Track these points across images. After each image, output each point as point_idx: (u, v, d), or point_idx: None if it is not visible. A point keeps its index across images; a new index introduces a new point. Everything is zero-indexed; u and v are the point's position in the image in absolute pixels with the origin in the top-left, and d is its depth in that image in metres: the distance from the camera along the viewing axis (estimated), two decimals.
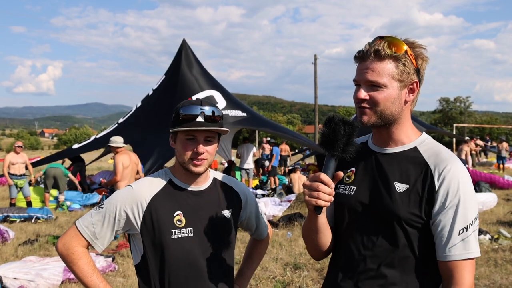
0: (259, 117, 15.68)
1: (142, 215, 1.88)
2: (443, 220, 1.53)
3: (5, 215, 9.84)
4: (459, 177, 1.55)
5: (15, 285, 5.35)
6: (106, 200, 1.94)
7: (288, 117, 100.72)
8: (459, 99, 69.88)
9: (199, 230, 1.93)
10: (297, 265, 6.35)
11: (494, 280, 5.76)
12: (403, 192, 1.58)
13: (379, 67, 1.57)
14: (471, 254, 1.52)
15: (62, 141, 71.52)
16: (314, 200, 1.49)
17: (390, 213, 1.58)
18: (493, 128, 50.24)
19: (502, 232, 7.96)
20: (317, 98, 33.52)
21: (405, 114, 1.64)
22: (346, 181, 1.74)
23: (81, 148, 14.84)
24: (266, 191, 13.86)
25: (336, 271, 1.73)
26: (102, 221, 1.89)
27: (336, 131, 1.48)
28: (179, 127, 1.87)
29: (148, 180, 1.98)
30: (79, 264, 1.86)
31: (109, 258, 6.48)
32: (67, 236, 1.91)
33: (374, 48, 1.58)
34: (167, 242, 1.87)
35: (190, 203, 1.95)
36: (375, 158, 1.70)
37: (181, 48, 14.89)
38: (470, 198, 1.55)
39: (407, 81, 1.59)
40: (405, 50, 1.57)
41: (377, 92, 1.58)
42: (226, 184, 2.10)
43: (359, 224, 1.67)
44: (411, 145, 1.66)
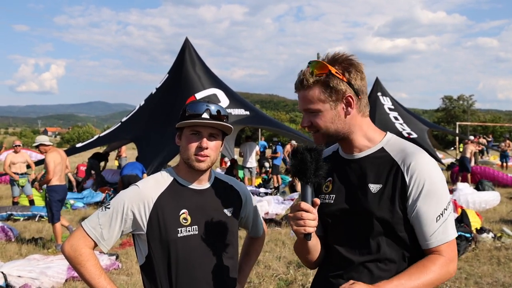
0: (262, 115, 15.67)
1: (149, 214, 1.90)
2: (420, 211, 1.62)
3: (9, 213, 9.89)
4: (427, 168, 1.64)
5: (19, 283, 5.38)
6: (112, 200, 1.95)
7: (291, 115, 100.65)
8: (462, 97, 69.73)
9: (203, 228, 1.96)
10: (300, 264, 6.35)
11: (497, 278, 5.76)
12: (377, 192, 1.67)
13: (308, 95, 1.70)
14: (450, 236, 1.64)
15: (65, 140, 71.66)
16: (302, 228, 1.58)
17: (367, 213, 1.66)
18: (496, 126, 50.10)
19: (505, 230, 7.95)
20: None
21: (355, 123, 1.73)
22: (325, 191, 1.83)
23: (84, 146, 14.88)
24: (269, 189, 13.86)
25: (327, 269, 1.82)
26: (109, 221, 1.89)
27: (304, 159, 1.58)
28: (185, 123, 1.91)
29: (154, 179, 2.00)
30: (87, 266, 1.87)
31: (113, 256, 6.50)
32: (74, 238, 1.91)
33: (300, 78, 1.71)
34: (173, 240, 1.90)
35: (194, 202, 1.98)
36: (347, 165, 1.79)
37: (184, 47, 14.90)
38: (440, 186, 1.64)
39: (339, 97, 1.67)
40: (328, 70, 1.65)
41: (315, 118, 1.71)
42: (227, 183, 2.15)
43: (342, 228, 1.76)
44: (378, 146, 1.74)
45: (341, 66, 1.67)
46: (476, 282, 5.66)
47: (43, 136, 7.99)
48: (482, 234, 7.55)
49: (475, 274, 5.93)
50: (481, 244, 7.20)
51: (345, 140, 1.76)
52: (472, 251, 6.89)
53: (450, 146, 30.09)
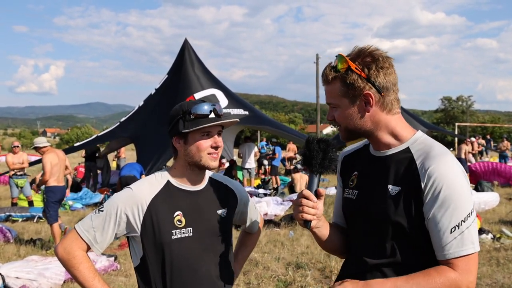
0: (261, 115, 15.68)
1: (143, 217, 1.89)
2: (435, 220, 1.53)
3: (7, 214, 9.87)
4: (446, 174, 1.53)
5: (17, 284, 5.37)
6: (105, 203, 1.95)
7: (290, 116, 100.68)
8: (461, 98, 69.75)
9: (198, 230, 1.96)
10: (299, 265, 6.36)
11: (496, 279, 5.76)
12: (395, 195, 1.61)
13: (329, 90, 1.69)
14: (466, 250, 1.51)
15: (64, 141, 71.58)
16: (300, 214, 1.61)
17: (384, 216, 1.62)
18: (496, 127, 50.13)
19: (504, 231, 7.95)
20: (319, 98, 33.48)
21: (379, 120, 1.67)
22: (350, 185, 1.81)
23: (82, 144, 14.89)
24: (268, 190, 13.85)
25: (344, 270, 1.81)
26: (102, 224, 1.89)
27: (311, 149, 1.62)
28: (196, 125, 1.89)
29: (147, 181, 1.99)
30: (81, 269, 1.87)
31: (111, 258, 6.49)
32: (67, 240, 1.91)
33: (322, 74, 1.71)
34: (168, 242, 1.90)
35: (189, 203, 1.98)
36: (373, 162, 1.75)
37: (184, 48, 14.92)
38: (459, 194, 1.53)
39: (356, 95, 1.63)
40: (348, 66, 1.61)
41: (336, 113, 1.70)
42: (222, 183, 2.15)
43: (361, 227, 1.73)
44: (404, 146, 1.68)
45: (362, 61, 1.61)
46: (476, 283, 5.64)
47: (40, 138, 8.02)
48: (481, 235, 7.55)
49: None
50: (480, 245, 7.17)
51: (370, 137, 1.72)
52: None
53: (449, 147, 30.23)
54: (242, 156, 14.99)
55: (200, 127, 1.89)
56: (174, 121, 1.95)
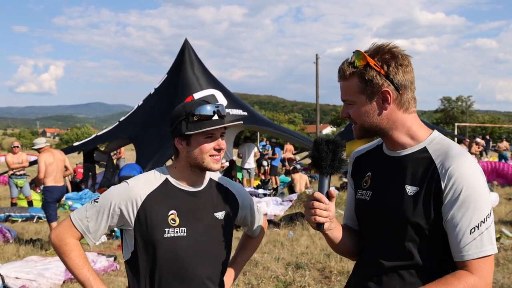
0: (259, 116, 15.69)
1: (136, 212, 1.89)
2: (454, 220, 1.51)
3: (7, 214, 9.87)
4: (466, 174, 1.51)
5: (17, 285, 5.36)
6: (101, 195, 1.95)
7: (289, 116, 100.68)
8: (461, 98, 69.79)
9: (192, 231, 1.94)
10: (298, 265, 6.35)
11: (496, 279, 5.75)
12: (413, 195, 1.58)
13: (345, 86, 1.66)
14: (485, 252, 1.50)
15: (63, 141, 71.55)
16: (312, 217, 1.60)
17: (401, 217, 1.59)
18: (495, 127, 50.15)
19: (504, 231, 7.95)
20: (319, 98, 33.51)
21: (395, 119, 1.64)
22: (364, 186, 1.78)
23: (82, 144, 14.89)
24: (268, 190, 13.85)
25: (358, 272, 1.79)
26: (96, 215, 1.90)
27: (320, 150, 1.60)
28: (200, 128, 1.88)
29: (145, 177, 1.98)
30: (71, 256, 1.89)
31: (111, 258, 6.49)
32: (61, 227, 1.93)
33: (339, 69, 1.67)
34: (159, 240, 1.88)
35: (185, 203, 1.96)
36: (387, 161, 1.72)
37: (183, 48, 14.92)
38: (479, 195, 1.51)
39: (374, 92, 1.60)
40: (367, 62, 1.58)
41: (351, 110, 1.67)
42: (222, 185, 2.12)
43: (375, 227, 1.70)
44: (421, 146, 1.64)
45: (381, 58, 1.59)
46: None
47: (40, 139, 8.14)
48: None
49: None
50: None
51: (385, 136, 1.69)
52: None
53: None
54: (241, 156, 14.99)
55: (204, 130, 1.87)
56: (176, 122, 1.93)
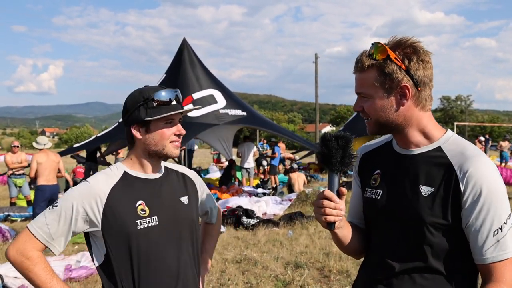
0: (258, 116, 15.67)
1: (102, 209, 1.79)
2: (476, 223, 1.47)
3: (6, 214, 9.85)
4: (486, 176, 1.48)
5: (16, 284, 5.36)
6: (61, 198, 1.83)
7: (289, 116, 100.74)
8: (460, 97, 69.86)
9: (163, 218, 1.89)
10: (298, 264, 6.35)
11: None
12: (428, 196, 1.54)
13: (362, 78, 1.59)
14: (509, 253, 1.47)
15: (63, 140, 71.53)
16: (322, 217, 1.54)
17: (416, 217, 1.54)
18: (494, 126, 50.18)
19: None
20: (318, 97, 33.50)
21: (411, 116, 1.59)
22: (373, 185, 1.72)
23: (82, 145, 14.87)
24: (267, 190, 13.85)
25: (366, 274, 1.74)
26: (57, 220, 1.76)
27: (330, 147, 1.53)
28: (160, 113, 1.83)
29: (103, 174, 1.91)
30: (36, 271, 1.73)
31: None
32: (19, 241, 1.76)
33: (356, 60, 1.61)
34: (133, 233, 1.80)
35: (150, 192, 1.90)
36: (399, 160, 1.66)
37: (182, 47, 14.90)
38: (500, 196, 1.48)
39: (393, 85, 1.55)
40: (387, 55, 1.52)
41: (366, 103, 1.61)
42: (178, 172, 2.08)
43: (386, 228, 1.65)
44: (435, 145, 1.60)
45: (402, 51, 1.53)
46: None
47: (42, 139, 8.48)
48: None
49: None
50: None
51: (399, 133, 1.63)
52: None
53: None
54: (241, 155, 14.98)
55: (165, 115, 1.83)
56: (133, 108, 1.85)
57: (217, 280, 5.74)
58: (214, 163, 21.20)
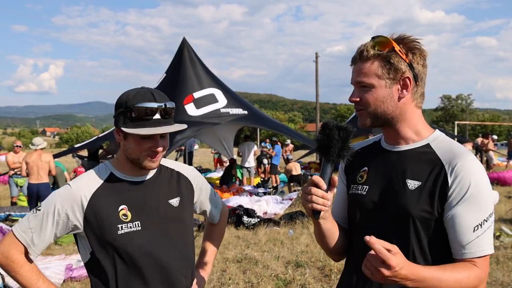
0: (260, 115, 15.66)
1: (84, 213, 1.77)
2: (457, 217, 1.49)
3: (7, 214, 9.85)
4: (473, 173, 1.50)
5: (17, 284, 5.36)
6: (43, 202, 1.82)
7: (289, 115, 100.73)
8: (460, 96, 69.84)
9: (146, 223, 1.83)
10: (298, 263, 6.36)
11: (496, 277, 5.75)
12: (415, 189, 1.56)
13: (364, 68, 1.59)
14: (485, 251, 1.49)
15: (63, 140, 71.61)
16: (308, 204, 1.52)
17: (402, 211, 1.56)
18: (495, 125, 50.15)
19: (504, 229, 7.95)
20: (319, 96, 33.47)
21: (406, 110, 1.62)
22: (359, 181, 1.73)
23: (83, 145, 14.88)
24: (268, 189, 13.86)
25: (351, 271, 1.73)
26: (40, 224, 1.77)
27: (331, 136, 1.50)
28: (134, 126, 1.73)
29: (87, 176, 1.85)
30: (21, 273, 1.76)
31: None
32: (4, 244, 1.78)
33: (360, 50, 1.61)
34: (114, 238, 1.77)
35: (135, 196, 1.84)
36: (387, 156, 1.68)
37: (182, 47, 14.88)
38: (484, 194, 1.50)
39: (396, 77, 1.57)
40: (392, 47, 1.55)
41: (366, 93, 1.60)
42: (174, 170, 2.01)
43: (372, 223, 1.65)
44: (424, 142, 1.63)
45: (406, 46, 1.57)
46: None
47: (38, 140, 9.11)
48: None
49: None
50: None
51: (391, 128, 1.65)
52: None
53: None
54: (241, 155, 14.99)
55: (137, 132, 1.72)
56: (116, 112, 1.79)
57: (218, 280, 5.75)
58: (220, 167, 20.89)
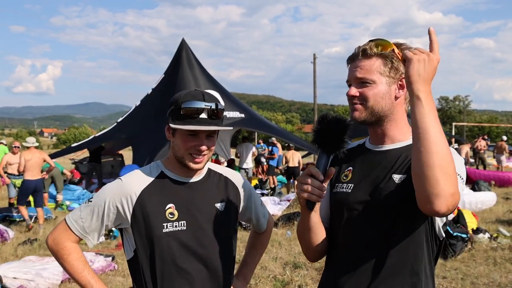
0: (256, 118, 15.69)
1: (132, 208, 1.82)
2: None
3: (5, 214, 9.84)
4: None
5: (15, 285, 5.36)
6: (95, 194, 1.89)
7: (287, 116, 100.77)
8: (458, 98, 69.96)
9: (192, 223, 1.85)
10: (296, 264, 6.37)
11: (493, 278, 5.77)
12: (401, 182, 1.60)
13: (367, 65, 1.65)
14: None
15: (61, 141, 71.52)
16: (304, 193, 1.54)
17: (389, 203, 1.59)
18: (493, 127, 50.24)
19: (501, 231, 7.97)
20: (316, 97, 33.50)
21: (397, 111, 1.68)
22: (344, 180, 1.76)
23: (80, 145, 14.87)
24: (266, 190, 13.86)
25: (334, 270, 1.74)
26: (91, 215, 1.84)
27: (329, 128, 1.53)
28: (181, 123, 1.78)
29: (138, 173, 1.91)
30: (69, 260, 1.83)
31: (109, 258, 6.49)
32: (57, 231, 1.87)
33: (362, 48, 1.67)
34: (158, 235, 1.81)
35: (183, 196, 1.88)
36: (372, 155, 1.73)
37: (181, 48, 14.92)
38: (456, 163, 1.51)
39: (395, 77, 1.65)
40: (392, 49, 1.61)
41: (366, 88, 1.65)
42: (222, 175, 2.02)
43: (358, 221, 1.67)
44: (408, 142, 1.67)
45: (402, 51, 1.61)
46: (473, 282, 5.67)
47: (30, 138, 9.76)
48: (478, 234, 7.57)
49: (471, 274, 5.94)
50: (477, 245, 7.21)
51: (380, 127, 1.70)
52: (468, 251, 6.90)
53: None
54: (239, 156, 14.99)
55: (182, 127, 1.78)
56: (168, 109, 1.85)
57: None
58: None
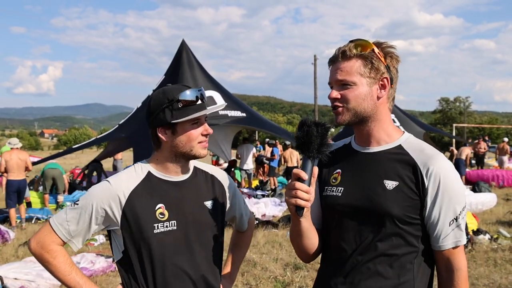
0: (258, 117, 15.67)
1: (122, 210, 1.79)
2: (435, 214, 1.60)
3: (6, 215, 9.84)
4: (446, 172, 1.61)
5: (16, 286, 5.36)
6: (82, 196, 1.84)
7: (288, 117, 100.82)
8: (458, 99, 69.89)
9: (182, 223, 1.85)
10: (297, 265, 6.36)
11: (494, 279, 5.77)
12: (393, 189, 1.62)
13: (346, 66, 1.65)
14: (462, 241, 1.63)
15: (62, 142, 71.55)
16: (293, 199, 1.53)
17: (382, 211, 1.61)
18: (493, 128, 50.22)
19: (502, 232, 7.97)
20: (317, 99, 33.53)
21: (381, 111, 1.69)
22: (333, 183, 1.76)
23: (81, 146, 14.88)
24: (266, 191, 13.86)
25: (328, 271, 1.75)
26: (77, 218, 1.79)
27: (309, 133, 1.54)
28: (186, 115, 1.79)
29: (126, 174, 1.89)
30: (55, 263, 1.78)
31: (110, 259, 6.49)
32: (40, 234, 1.81)
33: (342, 49, 1.67)
34: (150, 237, 1.79)
35: (172, 195, 1.87)
36: (359, 157, 1.73)
37: (181, 49, 14.91)
38: (457, 190, 1.63)
39: (376, 77, 1.65)
40: (372, 49, 1.63)
41: (347, 90, 1.65)
42: (208, 173, 2.02)
43: (349, 224, 1.68)
44: (396, 143, 1.69)
45: (383, 50, 1.66)
46: (473, 283, 5.67)
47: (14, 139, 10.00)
48: (479, 235, 7.57)
49: (471, 275, 5.94)
50: (478, 246, 7.21)
51: (365, 127, 1.70)
52: (469, 252, 6.90)
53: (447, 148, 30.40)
54: (240, 157, 14.98)
55: (191, 116, 1.79)
56: (158, 110, 1.81)
57: None
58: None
